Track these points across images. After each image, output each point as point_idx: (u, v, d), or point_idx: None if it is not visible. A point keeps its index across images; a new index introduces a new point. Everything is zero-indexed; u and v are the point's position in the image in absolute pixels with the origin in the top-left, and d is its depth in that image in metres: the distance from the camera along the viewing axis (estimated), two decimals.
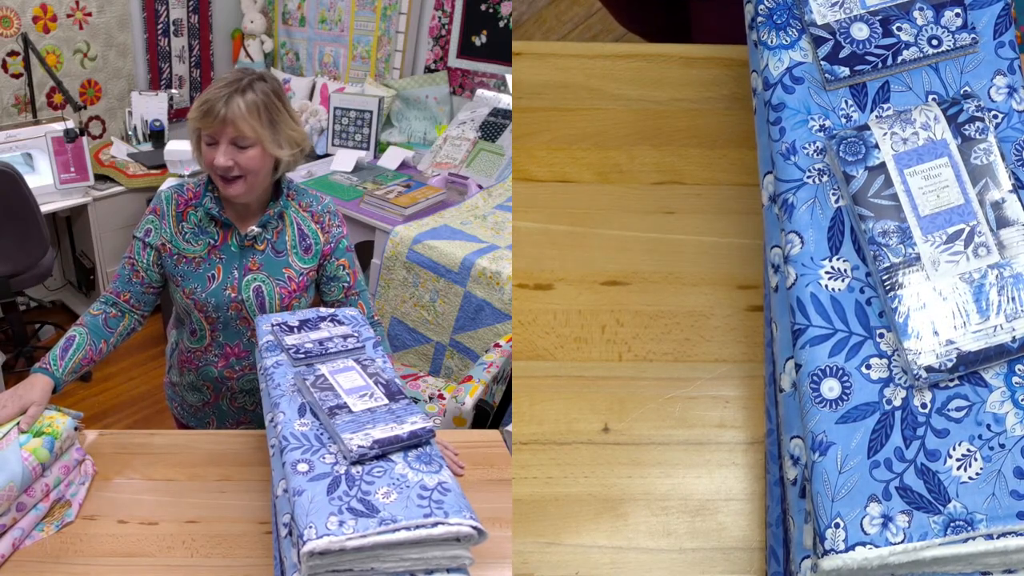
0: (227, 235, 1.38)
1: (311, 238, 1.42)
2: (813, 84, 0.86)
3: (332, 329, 1.17)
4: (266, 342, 1.15)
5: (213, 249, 1.38)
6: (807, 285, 0.81)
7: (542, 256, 1.02)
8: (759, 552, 0.91)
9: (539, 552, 0.90)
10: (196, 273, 1.37)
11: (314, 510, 0.79)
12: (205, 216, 1.37)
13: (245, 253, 1.38)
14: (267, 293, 1.38)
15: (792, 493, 0.81)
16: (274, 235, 1.40)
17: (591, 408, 0.96)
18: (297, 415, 0.96)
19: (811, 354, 0.79)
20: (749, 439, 0.95)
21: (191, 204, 1.39)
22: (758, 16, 0.89)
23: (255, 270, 1.39)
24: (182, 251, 1.38)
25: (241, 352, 1.44)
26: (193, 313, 1.40)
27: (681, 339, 0.99)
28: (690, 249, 1.02)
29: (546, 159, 1.06)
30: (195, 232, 1.38)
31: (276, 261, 1.40)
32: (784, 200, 0.84)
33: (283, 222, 1.41)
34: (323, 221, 1.44)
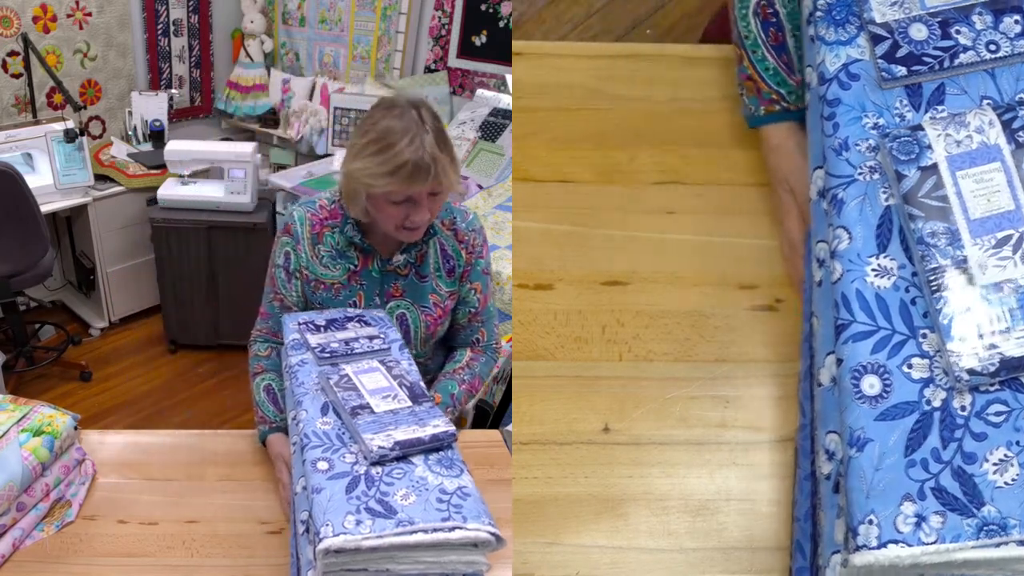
0: (368, 260, 1.29)
1: (454, 259, 1.33)
2: (869, 82, 0.86)
3: (359, 330, 1.16)
4: (292, 340, 1.14)
5: (353, 275, 1.29)
6: (853, 281, 0.80)
7: (542, 256, 1.02)
8: (759, 552, 0.91)
9: (539, 552, 0.90)
10: (336, 300, 1.30)
11: (332, 508, 0.79)
12: (344, 240, 1.28)
13: (387, 279, 1.30)
14: (411, 321, 1.31)
15: (825, 488, 0.81)
16: (417, 258, 1.30)
17: (591, 408, 0.96)
18: (319, 413, 0.95)
19: (853, 350, 0.79)
20: (749, 439, 0.95)
21: (327, 224, 1.29)
22: (816, 11, 0.89)
23: (398, 296, 1.31)
24: (319, 277, 1.29)
25: None
26: None
27: (681, 339, 0.98)
28: (690, 249, 1.02)
29: (546, 159, 1.06)
30: (332, 256, 1.29)
31: (420, 287, 1.31)
32: (834, 195, 0.84)
33: (426, 244, 1.31)
34: (468, 240, 1.33)
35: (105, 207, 3.16)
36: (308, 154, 3.73)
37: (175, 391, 3.07)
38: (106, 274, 3.28)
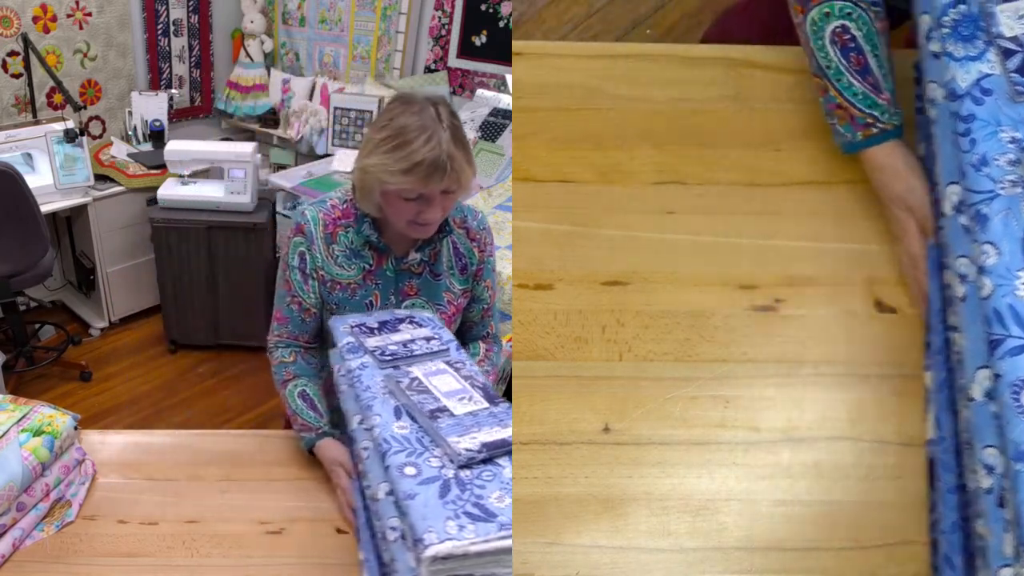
0: (383, 259, 1.28)
1: (467, 257, 1.33)
2: (1002, 96, 0.85)
3: (413, 331, 1.16)
4: (347, 343, 1.13)
5: (368, 274, 1.28)
6: (1004, 296, 0.81)
7: (542, 256, 1.02)
8: (759, 552, 0.91)
9: (539, 552, 0.90)
10: (352, 300, 1.29)
11: (430, 514, 0.78)
12: (360, 239, 1.27)
13: (401, 277, 1.29)
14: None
15: (987, 502, 0.81)
16: (431, 257, 1.30)
17: (591, 408, 0.96)
18: (394, 417, 0.94)
19: (1011, 364, 0.79)
20: (749, 439, 0.95)
21: (340, 224, 1.28)
22: (940, 28, 0.88)
23: (413, 295, 1.30)
24: (335, 277, 1.28)
25: None
26: None
27: (681, 339, 0.98)
28: (690, 249, 1.02)
29: (546, 159, 1.06)
30: (347, 255, 1.28)
31: (435, 285, 1.31)
32: (977, 211, 0.84)
33: (440, 243, 1.30)
34: (479, 239, 1.34)
35: (105, 207, 3.16)
36: (308, 154, 3.73)
37: (175, 391, 3.07)
38: (106, 274, 3.28)
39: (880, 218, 1.02)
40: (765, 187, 1.04)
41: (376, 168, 1.15)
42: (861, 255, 1.02)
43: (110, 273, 3.29)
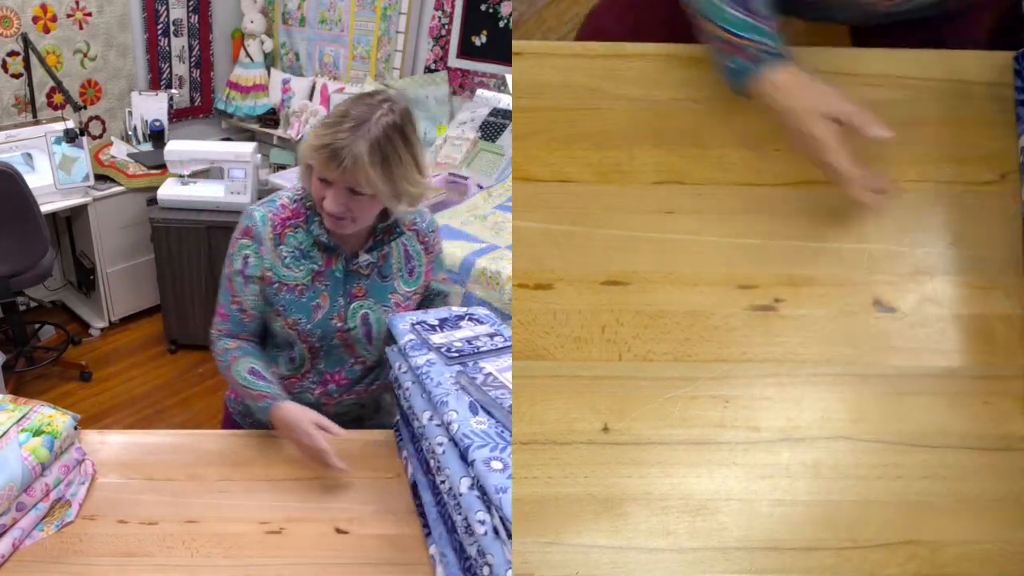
0: (332, 260, 1.28)
1: (415, 259, 1.34)
2: None
3: (475, 328, 1.17)
4: (409, 341, 1.15)
5: (317, 276, 1.28)
6: None
7: (542, 256, 1.02)
8: (758, 552, 0.91)
9: (539, 552, 0.90)
10: (299, 302, 1.28)
11: None
12: (308, 240, 1.27)
13: (350, 279, 1.29)
14: (374, 321, 1.31)
15: None
16: (379, 259, 1.31)
17: (591, 408, 0.96)
18: (470, 413, 0.96)
19: None
20: (749, 439, 0.95)
21: (289, 224, 1.28)
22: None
23: (361, 296, 1.30)
24: (283, 279, 1.27)
25: (342, 380, 1.36)
26: (296, 344, 1.31)
27: (681, 339, 0.98)
28: (690, 249, 1.02)
29: (546, 159, 1.06)
30: (296, 256, 1.27)
31: (382, 286, 1.31)
32: None
33: (390, 245, 1.32)
34: (428, 240, 1.35)
35: (105, 207, 3.17)
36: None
37: (175, 391, 3.07)
38: (106, 274, 3.28)
39: (880, 218, 1.02)
40: (765, 187, 1.04)
41: (305, 141, 1.19)
42: (861, 255, 1.02)
43: (110, 273, 3.29)
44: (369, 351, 1.35)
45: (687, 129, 1.07)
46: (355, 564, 1.05)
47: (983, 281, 1.01)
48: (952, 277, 1.01)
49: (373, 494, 1.18)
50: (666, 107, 1.08)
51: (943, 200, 1.04)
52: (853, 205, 1.03)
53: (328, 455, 1.16)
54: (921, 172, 1.05)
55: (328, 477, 1.21)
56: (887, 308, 1.00)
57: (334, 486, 1.20)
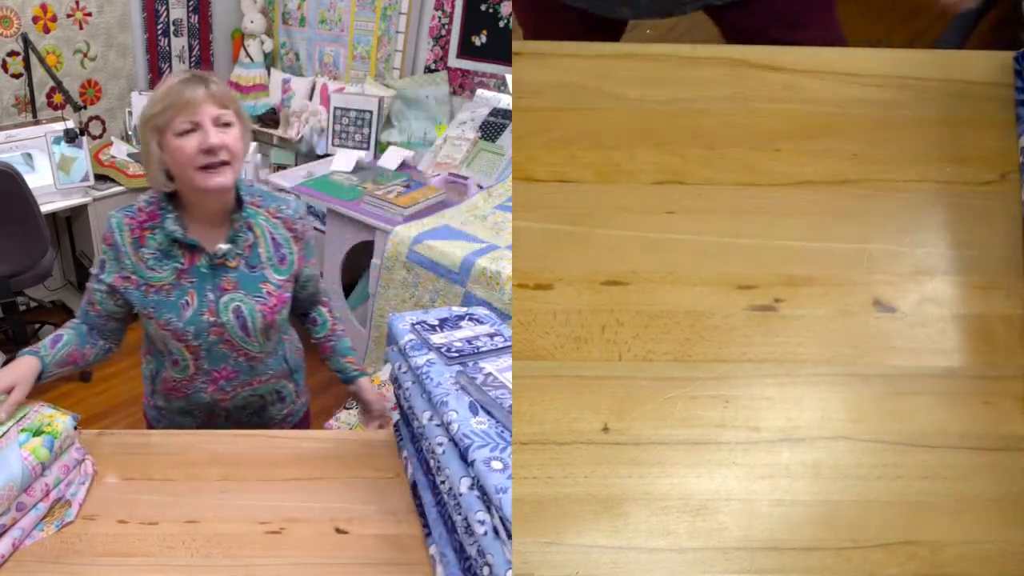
0: (194, 256, 1.28)
1: (285, 247, 1.34)
2: None
3: (475, 328, 1.18)
4: (409, 341, 1.15)
5: (182, 273, 1.28)
6: None
7: (542, 256, 1.02)
8: (759, 552, 0.91)
9: (539, 552, 0.90)
10: (167, 302, 1.28)
11: None
12: (166, 239, 1.27)
13: (217, 273, 1.29)
14: (248, 312, 1.30)
15: None
16: (245, 249, 1.31)
17: (591, 408, 0.96)
18: (471, 413, 0.96)
19: None
20: (749, 439, 0.95)
21: (147, 226, 1.28)
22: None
23: (231, 289, 1.30)
24: (148, 280, 1.27)
25: (230, 374, 1.36)
26: (171, 343, 1.31)
27: (681, 339, 0.98)
28: (690, 249, 1.02)
29: (546, 159, 1.06)
30: (157, 257, 1.27)
31: (252, 277, 1.31)
32: None
33: (253, 233, 1.32)
34: (296, 228, 1.36)
35: (105, 207, 3.16)
36: (308, 154, 3.73)
37: None
38: None
39: (880, 218, 1.02)
40: (765, 187, 1.04)
41: (145, 122, 1.22)
42: (861, 255, 1.02)
43: None
44: (249, 343, 1.34)
45: (687, 129, 1.07)
46: (355, 564, 1.05)
47: (983, 281, 1.01)
48: (952, 277, 1.01)
49: (373, 494, 1.18)
50: (666, 107, 1.08)
51: (943, 200, 1.04)
52: (854, 205, 1.03)
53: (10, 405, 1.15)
54: (921, 172, 1.05)
55: (328, 477, 1.22)
56: (887, 308, 1.00)
57: (334, 486, 1.20)
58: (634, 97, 1.08)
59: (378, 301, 2.72)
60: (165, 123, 1.20)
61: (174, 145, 1.20)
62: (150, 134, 1.22)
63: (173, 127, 1.20)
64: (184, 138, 1.19)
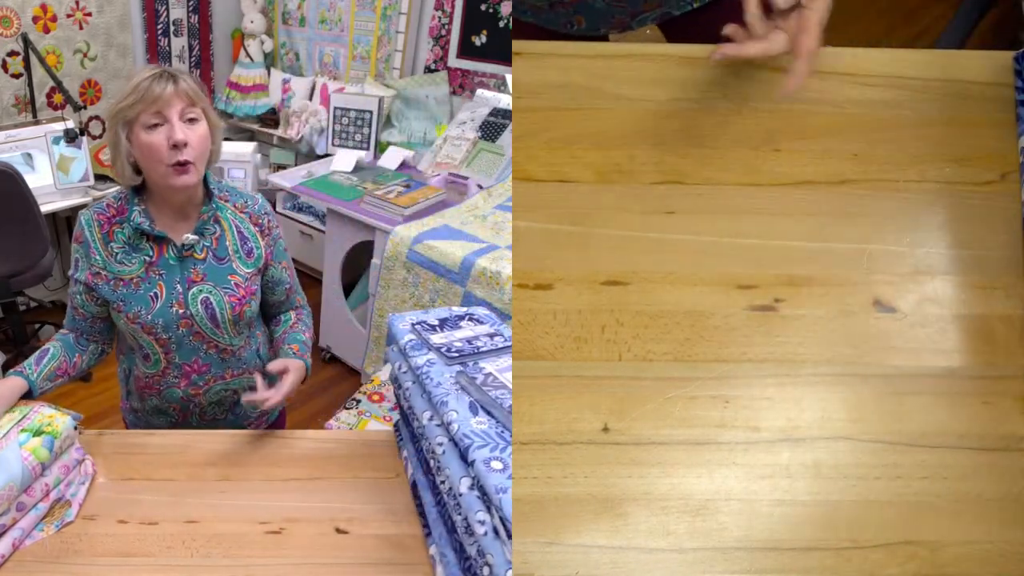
0: (162, 248, 1.30)
1: (251, 241, 1.36)
2: None
3: (475, 328, 1.18)
4: (409, 341, 1.16)
5: (150, 266, 1.29)
6: None
7: (542, 256, 1.02)
8: (758, 552, 0.91)
9: (539, 552, 0.90)
10: (136, 295, 1.29)
11: None
12: (135, 232, 1.28)
13: (185, 265, 1.30)
14: (216, 304, 1.31)
15: None
16: (213, 241, 1.33)
17: (591, 408, 0.96)
18: (470, 413, 0.96)
19: None
20: (749, 439, 0.95)
21: (115, 222, 1.30)
22: None
23: (199, 281, 1.31)
24: (118, 274, 1.29)
25: (202, 367, 1.36)
26: (141, 337, 1.32)
27: (681, 339, 0.98)
28: (690, 249, 1.02)
29: (546, 159, 1.06)
30: (126, 251, 1.29)
31: (219, 268, 1.32)
32: None
33: (220, 227, 1.34)
34: (262, 223, 1.38)
35: None
36: (308, 154, 3.73)
37: None
38: None
39: (880, 218, 1.02)
40: (765, 187, 1.04)
41: (114, 115, 1.23)
42: (861, 255, 1.02)
43: None
44: (219, 335, 1.35)
45: (687, 129, 1.07)
46: (355, 564, 1.05)
47: (983, 281, 1.01)
48: (952, 277, 1.01)
49: (373, 494, 1.18)
50: (666, 107, 1.08)
51: (943, 200, 1.04)
52: (854, 205, 1.03)
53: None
54: (921, 172, 1.05)
55: (328, 477, 1.22)
56: (887, 308, 1.00)
57: (334, 486, 1.20)
58: (634, 97, 1.08)
59: (378, 301, 2.72)
60: (133, 116, 1.22)
61: (142, 139, 1.22)
62: (119, 127, 1.24)
63: (141, 120, 1.22)
64: (152, 132, 1.22)
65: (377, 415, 2.50)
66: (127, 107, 1.21)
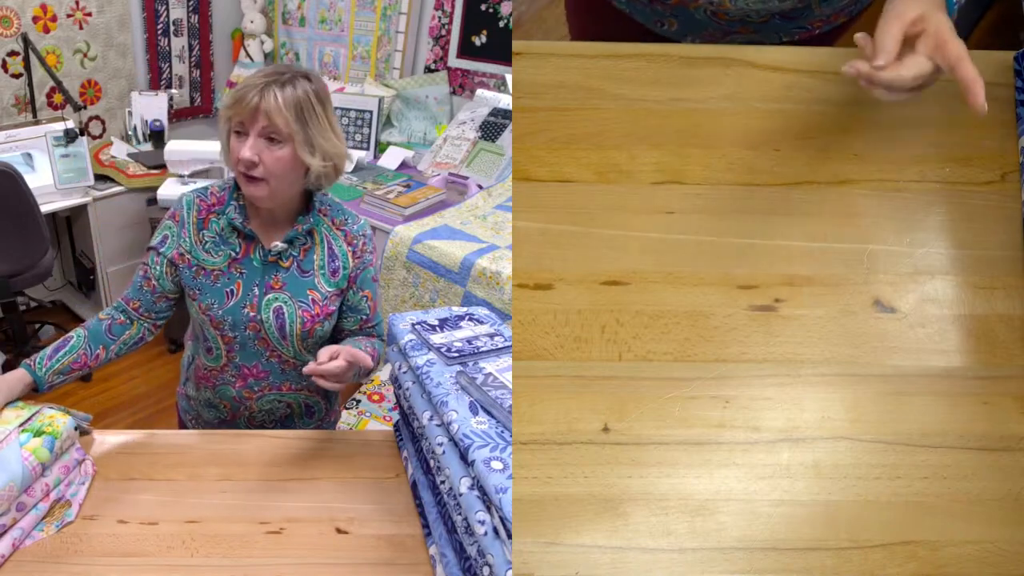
0: (250, 248, 1.29)
1: (340, 260, 1.33)
2: None
3: (475, 328, 1.18)
4: (409, 341, 1.16)
5: (234, 262, 1.28)
6: None
7: (542, 256, 1.02)
8: (758, 552, 0.91)
9: (539, 552, 0.90)
10: (214, 287, 1.28)
11: None
12: (227, 226, 1.28)
13: (268, 269, 1.29)
14: (288, 315, 1.29)
15: None
16: (301, 253, 1.30)
17: (591, 408, 0.96)
18: (471, 413, 0.96)
19: None
20: (749, 439, 0.95)
21: (213, 211, 1.30)
22: None
23: (277, 289, 1.29)
24: (201, 262, 1.29)
25: (260, 373, 1.35)
26: (208, 330, 1.32)
27: (681, 339, 0.98)
28: (690, 249, 1.02)
29: (546, 159, 1.06)
30: (216, 242, 1.29)
31: (301, 281, 1.30)
32: None
33: (312, 239, 1.31)
34: (356, 244, 1.34)
35: (105, 207, 3.16)
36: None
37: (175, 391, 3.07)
38: (106, 274, 3.28)
39: (880, 218, 1.02)
40: (765, 187, 1.04)
41: (222, 108, 1.24)
42: (861, 255, 1.02)
43: (110, 273, 3.29)
44: (284, 347, 1.34)
45: (687, 129, 1.07)
46: (355, 564, 1.05)
47: (983, 281, 1.01)
48: (952, 277, 1.01)
49: (373, 494, 1.18)
50: (666, 107, 1.08)
51: (943, 200, 1.04)
52: (854, 205, 1.03)
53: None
54: (921, 172, 1.05)
55: (328, 477, 1.22)
56: (887, 308, 1.00)
57: (334, 486, 1.20)
58: (634, 97, 1.08)
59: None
60: (228, 117, 1.23)
61: (231, 143, 1.24)
62: (223, 121, 1.25)
63: (232, 124, 1.22)
64: (235, 138, 1.22)
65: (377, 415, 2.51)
66: (228, 106, 1.22)
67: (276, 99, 1.17)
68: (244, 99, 1.18)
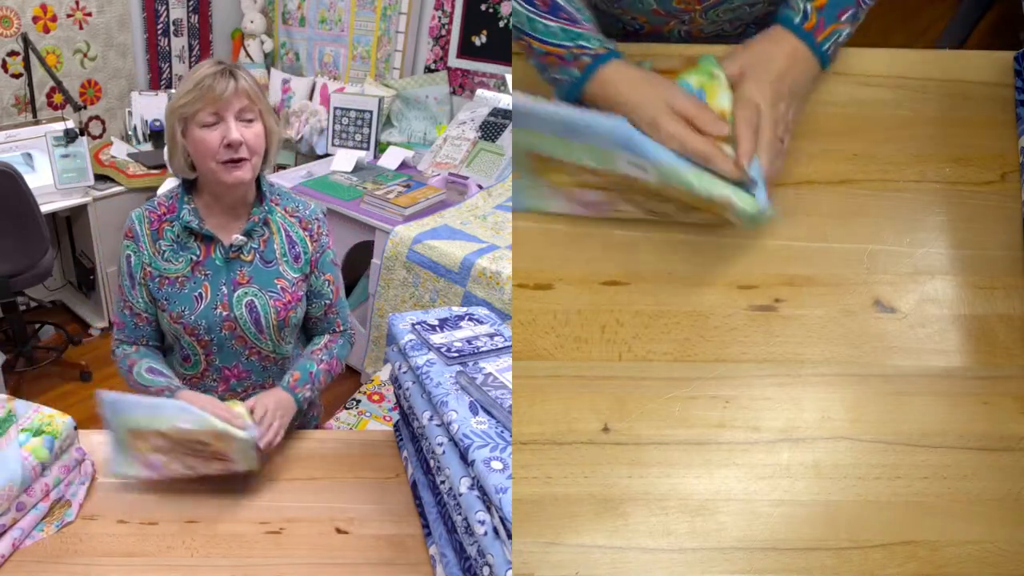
0: (210, 248, 1.29)
1: (300, 245, 1.34)
2: None
3: (475, 328, 1.18)
4: (409, 341, 1.16)
5: (196, 265, 1.29)
6: None
7: (542, 256, 1.02)
8: (758, 552, 0.91)
9: (539, 552, 0.90)
10: (181, 294, 1.28)
11: None
12: (183, 230, 1.28)
13: (232, 266, 1.29)
14: (261, 308, 1.30)
15: None
16: (261, 244, 1.31)
17: (591, 408, 0.96)
18: (470, 413, 0.97)
19: None
20: (749, 439, 0.95)
21: (166, 219, 1.30)
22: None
23: (245, 284, 1.30)
24: (163, 272, 1.28)
25: (241, 373, 1.36)
26: (183, 338, 1.31)
27: (681, 339, 0.98)
28: (690, 249, 1.02)
29: None
30: (174, 249, 1.29)
31: (266, 272, 1.31)
32: None
33: (269, 229, 1.32)
34: (311, 228, 1.36)
35: (105, 207, 3.17)
36: (308, 154, 3.73)
37: None
38: (106, 274, 3.28)
39: (880, 218, 1.02)
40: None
41: (172, 110, 1.23)
42: (861, 255, 1.02)
43: (110, 273, 3.29)
44: (263, 341, 1.34)
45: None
46: (355, 564, 1.05)
47: (983, 281, 1.01)
48: (952, 277, 1.01)
49: (373, 494, 1.18)
50: None
51: (943, 200, 1.04)
52: (854, 205, 1.03)
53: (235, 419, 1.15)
54: (921, 172, 1.05)
55: (328, 477, 1.22)
56: (887, 308, 1.00)
57: (334, 486, 1.20)
58: None
59: (378, 301, 2.72)
60: (190, 113, 1.22)
61: (197, 136, 1.23)
62: (176, 122, 1.24)
63: (198, 118, 1.22)
64: (207, 130, 1.22)
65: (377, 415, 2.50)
66: (186, 104, 1.21)
67: (244, 80, 1.21)
68: (215, 88, 1.19)
